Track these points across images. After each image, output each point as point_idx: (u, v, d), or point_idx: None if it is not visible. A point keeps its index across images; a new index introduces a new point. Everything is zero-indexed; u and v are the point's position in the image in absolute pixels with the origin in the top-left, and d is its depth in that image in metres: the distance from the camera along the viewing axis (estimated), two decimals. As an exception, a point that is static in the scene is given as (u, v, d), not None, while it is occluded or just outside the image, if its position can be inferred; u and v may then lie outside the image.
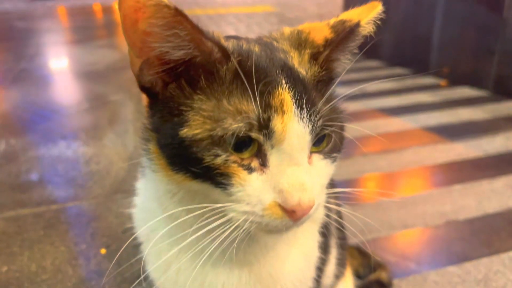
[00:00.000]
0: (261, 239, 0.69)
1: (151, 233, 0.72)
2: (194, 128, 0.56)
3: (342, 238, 0.96)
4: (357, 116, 2.95)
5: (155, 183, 0.69)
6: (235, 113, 0.55)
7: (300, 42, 0.66)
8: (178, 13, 0.53)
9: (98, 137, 1.72)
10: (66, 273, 1.05)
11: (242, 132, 0.55)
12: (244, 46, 0.62)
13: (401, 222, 1.83)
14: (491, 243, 1.68)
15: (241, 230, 0.58)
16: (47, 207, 1.30)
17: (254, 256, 0.69)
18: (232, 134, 0.55)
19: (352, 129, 0.71)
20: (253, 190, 0.56)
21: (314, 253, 0.76)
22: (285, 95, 0.56)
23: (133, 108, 1.96)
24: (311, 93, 0.59)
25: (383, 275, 1.34)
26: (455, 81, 3.67)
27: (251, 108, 0.55)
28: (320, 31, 0.66)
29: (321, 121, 0.58)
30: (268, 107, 0.55)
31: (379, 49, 4.54)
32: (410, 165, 2.31)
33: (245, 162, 0.57)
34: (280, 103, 0.56)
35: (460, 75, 3.66)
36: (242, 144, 0.56)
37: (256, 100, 0.55)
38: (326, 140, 0.62)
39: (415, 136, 2.69)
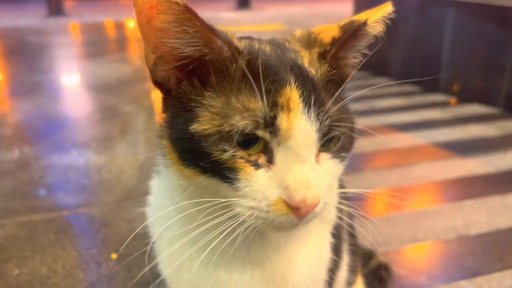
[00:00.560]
0: (272, 238, 0.69)
1: (163, 230, 0.73)
2: (203, 123, 0.57)
3: (354, 244, 0.96)
4: (367, 131, 2.95)
5: (167, 179, 0.71)
6: (243, 111, 0.56)
7: (309, 42, 0.67)
8: (187, 10, 0.55)
9: (110, 147, 1.74)
10: (77, 276, 1.06)
11: (248, 130, 0.56)
12: (256, 46, 0.63)
13: (411, 236, 1.81)
14: (503, 258, 1.65)
15: (247, 226, 0.58)
16: (59, 213, 1.31)
17: (266, 256, 0.69)
18: (238, 131, 0.56)
19: (362, 144, 0.72)
20: (259, 185, 0.57)
21: (326, 254, 0.76)
22: (292, 93, 0.57)
23: (144, 119, 1.99)
24: (320, 92, 0.60)
25: (381, 260, 1.33)
26: (465, 98, 3.67)
27: (258, 106, 0.56)
28: (329, 31, 0.67)
29: (328, 120, 0.59)
30: (275, 105, 0.56)
31: (389, 66, 4.56)
32: (421, 180, 2.30)
33: (252, 158, 0.58)
34: (287, 101, 0.57)
35: (470, 92, 3.66)
36: (249, 140, 0.57)
37: (263, 98, 0.56)
38: (335, 140, 0.62)
39: (426, 152, 2.68)
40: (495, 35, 3.34)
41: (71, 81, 2.87)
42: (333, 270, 0.78)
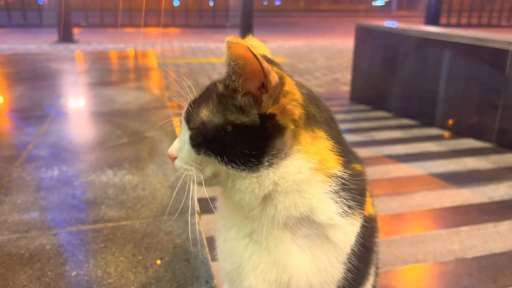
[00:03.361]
0: (266, 227, 0.83)
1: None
2: None
3: (377, 267, 1.11)
4: (368, 161, 3.15)
5: None
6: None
7: None
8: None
9: (141, 167, 1.91)
10: (128, 278, 1.21)
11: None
12: None
13: (413, 257, 1.97)
14: (497, 279, 1.82)
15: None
16: (104, 225, 1.47)
17: (273, 243, 0.83)
18: None
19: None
20: None
21: (334, 271, 0.85)
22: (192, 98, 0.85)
23: (169, 144, 2.16)
24: (200, 101, 0.82)
25: None
26: (459, 133, 3.89)
27: None
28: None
29: (185, 114, 0.84)
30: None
31: (388, 101, 4.80)
32: (420, 208, 2.47)
33: None
34: (188, 101, 0.84)
35: (465, 127, 3.89)
36: None
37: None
38: (189, 128, 0.83)
39: (423, 182, 2.87)
40: (488, 75, 3.60)
41: (94, 107, 3.05)
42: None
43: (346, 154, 0.85)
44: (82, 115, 2.94)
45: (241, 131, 0.76)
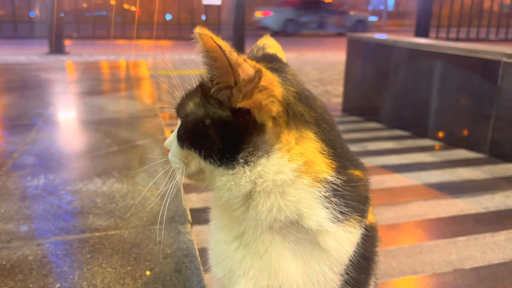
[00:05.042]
0: (253, 230, 0.79)
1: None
2: None
3: (376, 277, 1.06)
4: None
5: None
6: None
7: None
8: None
9: (131, 176, 1.85)
10: (114, 291, 1.15)
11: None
12: None
13: (410, 268, 1.92)
14: (497, 290, 1.77)
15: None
16: (91, 234, 1.40)
17: (263, 247, 0.79)
18: None
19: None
20: None
21: (320, 280, 0.80)
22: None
23: (160, 152, 2.10)
24: (190, 93, 0.82)
25: None
26: (452, 143, 3.88)
27: None
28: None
29: (178, 107, 0.82)
30: None
31: (380, 113, 4.80)
32: (416, 218, 2.43)
33: None
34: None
35: (457, 138, 3.88)
36: None
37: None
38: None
39: (418, 192, 2.83)
40: (480, 86, 3.60)
41: (83, 116, 2.98)
42: None
43: (341, 158, 0.80)
44: (71, 123, 2.88)
45: (217, 125, 0.74)
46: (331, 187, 0.77)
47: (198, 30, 0.69)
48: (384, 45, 4.80)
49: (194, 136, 0.77)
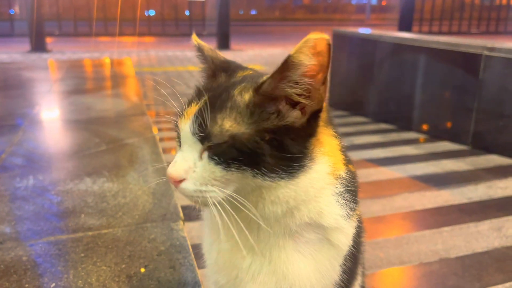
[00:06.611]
0: (272, 237, 0.78)
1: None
2: None
3: (364, 267, 1.09)
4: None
5: None
6: None
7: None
8: None
9: (121, 175, 1.85)
10: (110, 288, 1.16)
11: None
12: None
13: (398, 259, 1.97)
14: (481, 277, 1.83)
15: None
16: (84, 233, 1.41)
17: (276, 253, 0.79)
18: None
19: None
20: None
21: (333, 273, 0.83)
22: (192, 108, 0.73)
23: (149, 151, 2.11)
24: (215, 113, 0.71)
25: None
26: (436, 136, 3.96)
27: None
28: None
29: (202, 129, 0.70)
30: (182, 114, 0.75)
31: (365, 107, 4.86)
32: (402, 210, 2.49)
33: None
34: (187, 112, 0.74)
35: (441, 131, 3.96)
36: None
37: (180, 110, 0.76)
38: (207, 144, 0.71)
39: (404, 184, 2.89)
40: (463, 79, 3.68)
41: (70, 115, 2.96)
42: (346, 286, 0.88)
43: (344, 153, 0.82)
44: (58, 123, 2.86)
45: (280, 136, 0.70)
46: (344, 183, 0.78)
47: (313, 36, 0.67)
48: (368, 39, 4.85)
49: (251, 156, 0.69)
